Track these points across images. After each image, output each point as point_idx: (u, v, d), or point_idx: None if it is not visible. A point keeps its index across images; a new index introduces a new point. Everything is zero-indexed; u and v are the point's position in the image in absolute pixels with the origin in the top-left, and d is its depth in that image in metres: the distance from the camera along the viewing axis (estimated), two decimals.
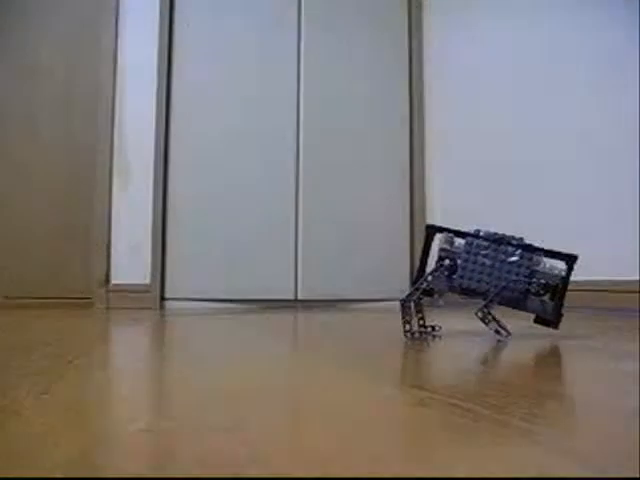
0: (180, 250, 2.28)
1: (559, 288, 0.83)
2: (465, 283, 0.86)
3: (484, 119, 2.16)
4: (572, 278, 0.86)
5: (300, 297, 2.30)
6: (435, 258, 0.90)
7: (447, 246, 0.87)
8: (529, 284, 0.83)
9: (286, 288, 2.33)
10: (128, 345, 0.89)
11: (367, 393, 0.44)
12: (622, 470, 0.25)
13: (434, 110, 2.51)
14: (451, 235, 0.88)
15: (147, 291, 2.23)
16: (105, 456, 0.28)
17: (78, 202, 2.36)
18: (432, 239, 0.89)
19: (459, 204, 2.30)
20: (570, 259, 0.82)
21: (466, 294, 0.86)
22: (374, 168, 2.47)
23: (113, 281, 2.26)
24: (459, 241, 0.88)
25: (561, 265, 0.86)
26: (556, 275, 0.83)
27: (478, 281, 0.85)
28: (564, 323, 0.88)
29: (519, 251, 0.85)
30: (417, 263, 2.74)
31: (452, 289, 0.87)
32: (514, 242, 0.86)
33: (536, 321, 0.86)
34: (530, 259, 0.84)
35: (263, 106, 2.38)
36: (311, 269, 2.34)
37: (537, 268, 0.84)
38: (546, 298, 0.83)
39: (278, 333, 1.10)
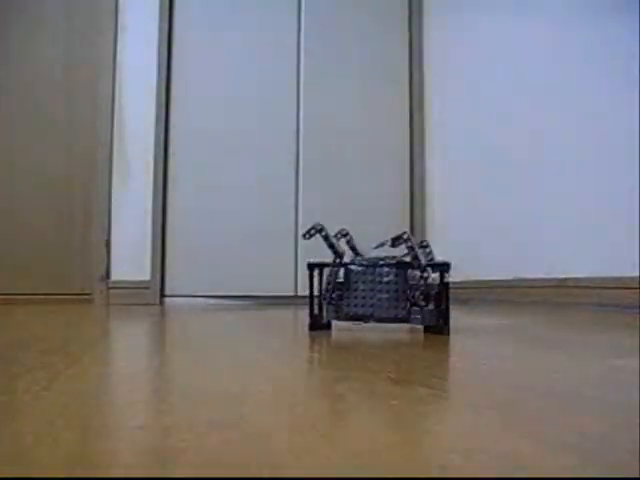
0: (180, 247, 2.27)
1: (440, 295, 0.86)
2: (351, 311, 0.89)
3: (484, 119, 2.16)
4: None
5: (300, 293, 2.30)
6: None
7: (331, 278, 0.90)
8: (407, 299, 0.86)
9: (286, 284, 2.33)
10: (128, 341, 0.89)
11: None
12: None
13: (434, 110, 2.50)
14: (334, 268, 0.91)
15: (147, 287, 2.23)
16: (105, 454, 0.27)
17: (78, 199, 2.36)
18: (312, 275, 0.92)
19: (459, 204, 2.30)
20: (443, 267, 0.86)
21: (355, 320, 0.90)
22: (374, 167, 2.47)
23: (113, 277, 2.26)
24: (342, 270, 0.92)
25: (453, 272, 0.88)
26: (433, 284, 0.86)
27: (362, 306, 0.89)
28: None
29: (394, 270, 0.88)
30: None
31: (341, 318, 0.90)
32: (389, 262, 0.89)
33: (427, 330, 0.89)
34: (405, 275, 0.88)
35: (263, 106, 2.37)
36: None
37: (414, 282, 0.86)
38: (431, 307, 0.85)
39: (277, 329, 1.10)
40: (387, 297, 0.88)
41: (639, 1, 1.47)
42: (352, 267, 0.91)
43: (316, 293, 0.92)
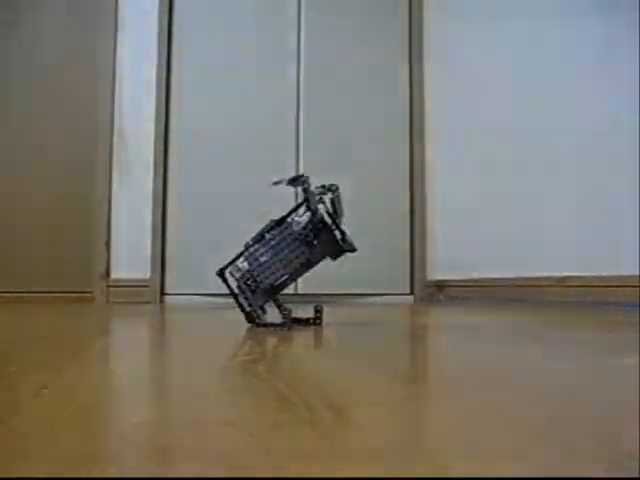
0: (180, 245, 2.27)
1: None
2: (267, 283, 0.98)
3: (485, 118, 2.15)
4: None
5: (301, 291, 2.30)
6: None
7: (238, 275, 0.99)
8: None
9: None
10: (128, 339, 0.89)
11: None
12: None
13: (434, 110, 2.50)
14: (235, 266, 1.01)
15: (147, 285, 2.23)
16: (105, 452, 0.27)
17: (79, 197, 2.36)
18: (225, 279, 1.01)
19: (459, 203, 2.29)
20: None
21: (276, 292, 0.99)
22: (374, 167, 2.46)
23: (113, 275, 2.26)
24: (242, 264, 1.01)
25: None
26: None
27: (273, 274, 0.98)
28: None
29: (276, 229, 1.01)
30: (417, 261, 2.74)
31: (267, 296, 0.98)
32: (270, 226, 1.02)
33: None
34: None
35: (263, 106, 2.37)
36: None
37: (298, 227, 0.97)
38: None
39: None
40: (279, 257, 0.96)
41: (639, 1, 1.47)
42: (252, 249, 1.00)
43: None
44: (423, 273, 2.45)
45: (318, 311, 1.00)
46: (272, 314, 1.00)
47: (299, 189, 0.97)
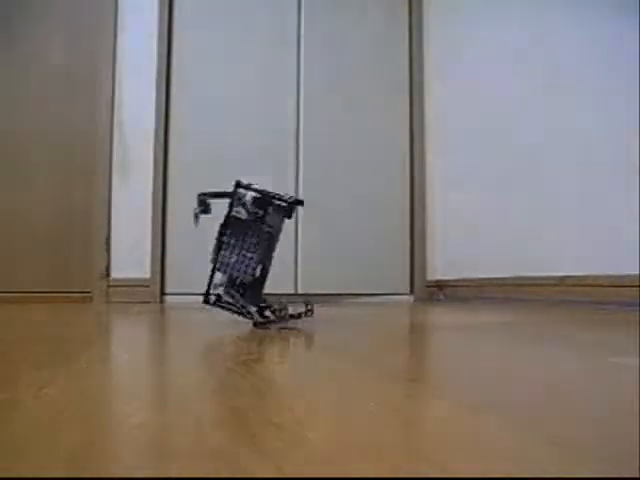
0: (180, 244, 2.27)
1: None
2: (249, 276, 1.02)
3: (485, 118, 2.15)
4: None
5: (300, 291, 2.30)
6: None
7: (221, 289, 1.05)
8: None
9: (286, 283, 2.33)
10: (128, 339, 0.89)
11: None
12: None
13: (434, 109, 2.50)
14: (214, 285, 1.07)
15: (147, 285, 2.23)
16: (106, 451, 0.27)
17: (79, 197, 2.36)
18: (215, 302, 1.06)
19: (459, 203, 2.29)
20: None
21: (263, 281, 1.04)
22: (374, 167, 2.46)
23: (113, 275, 2.26)
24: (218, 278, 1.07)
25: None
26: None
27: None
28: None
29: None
30: (417, 261, 2.73)
31: (258, 289, 1.03)
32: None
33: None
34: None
35: (263, 106, 2.37)
36: (311, 264, 2.34)
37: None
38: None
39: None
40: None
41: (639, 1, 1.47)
42: (219, 259, 1.04)
43: None
44: (423, 273, 2.45)
45: (308, 304, 1.03)
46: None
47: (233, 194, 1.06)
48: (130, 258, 2.24)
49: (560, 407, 0.37)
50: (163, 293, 2.25)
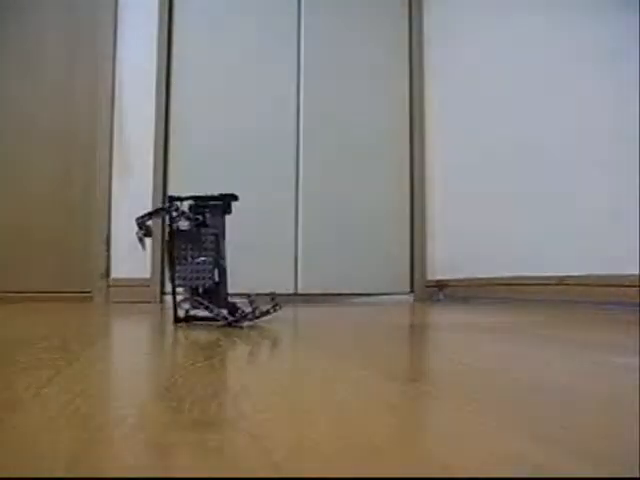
0: None
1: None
2: (210, 281, 1.04)
3: (485, 117, 2.15)
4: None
5: (300, 292, 2.30)
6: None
7: (187, 304, 1.06)
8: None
9: (286, 282, 2.33)
10: (128, 339, 0.89)
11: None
12: None
13: (434, 109, 2.50)
14: (179, 305, 1.08)
15: (147, 285, 2.23)
16: (105, 452, 0.27)
17: (78, 198, 2.36)
18: (192, 316, 1.09)
19: (459, 203, 2.29)
20: None
21: (224, 280, 1.08)
22: (374, 166, 2.46)
23: (113, 275, 2.26)
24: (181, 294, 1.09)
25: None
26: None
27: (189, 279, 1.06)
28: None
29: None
30: (417, 260, 2.74)
31: (222, 292, 1.06)
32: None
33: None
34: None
35: (263, 105, 2.37)
36: (311, 264, 2.34)
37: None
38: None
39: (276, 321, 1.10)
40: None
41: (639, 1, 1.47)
42: (176, 276, 1.05)
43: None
44: (423, 272, 2.45)
45: (273, 299, 1.05)
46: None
47: (174, 212, 1.05)
48: (130, 258, 2.24)
49: (560, 407, 0.37)
50: (163, 293, 2.25)
